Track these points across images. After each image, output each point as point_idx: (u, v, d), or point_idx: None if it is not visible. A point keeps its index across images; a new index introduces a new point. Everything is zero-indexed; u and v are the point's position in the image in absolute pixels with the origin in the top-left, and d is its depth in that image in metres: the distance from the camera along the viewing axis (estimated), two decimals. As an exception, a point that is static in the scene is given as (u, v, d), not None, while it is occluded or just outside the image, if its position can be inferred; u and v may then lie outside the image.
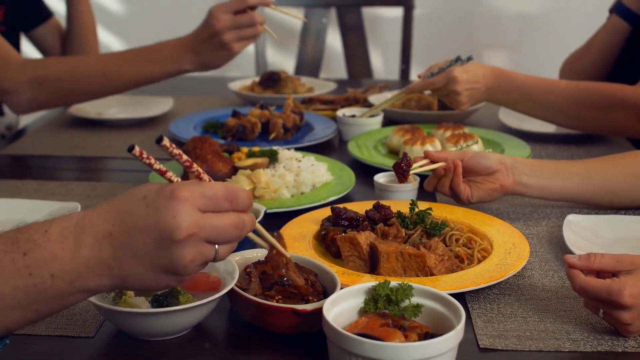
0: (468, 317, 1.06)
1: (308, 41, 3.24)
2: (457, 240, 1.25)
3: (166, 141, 0.85)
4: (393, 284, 0.97)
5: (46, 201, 1.41)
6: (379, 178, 1.50)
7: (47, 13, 2.41)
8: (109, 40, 3.84)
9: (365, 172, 1.63)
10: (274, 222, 1.33)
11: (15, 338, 0.97)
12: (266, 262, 1.05)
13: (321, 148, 1.86)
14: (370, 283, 0.97)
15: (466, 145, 1.62)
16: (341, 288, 1.00)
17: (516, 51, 3.84)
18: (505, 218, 1.40)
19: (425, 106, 2.14)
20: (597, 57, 2.22)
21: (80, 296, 0.83)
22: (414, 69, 3.14)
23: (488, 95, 1.82)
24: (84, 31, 2.38)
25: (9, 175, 1.70)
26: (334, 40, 3.41)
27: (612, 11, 2.20)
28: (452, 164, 1.37)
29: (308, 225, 1.30)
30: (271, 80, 2.39)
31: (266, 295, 1.01)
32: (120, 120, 2.13)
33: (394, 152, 1.80)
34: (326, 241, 1.24)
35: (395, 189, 1.46)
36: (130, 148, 0.84)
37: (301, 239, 1.24)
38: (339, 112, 2.00)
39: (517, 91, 1.79)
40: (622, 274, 1.00)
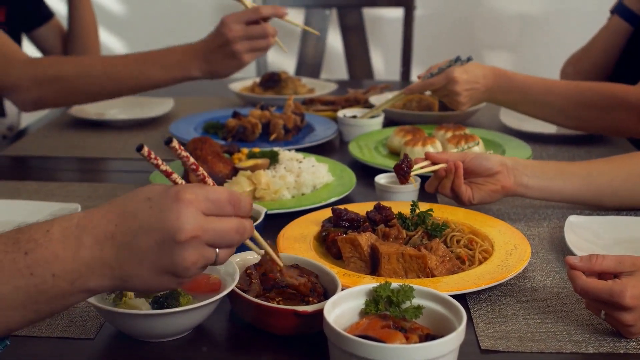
0: (469, 319, 1.06)
1: (309, 42, 3.24)
2: (458, 241, 1.24)
3: (175, 143, 0.86)
4: (394, 286, 0.97)
5: (46, 202, 1.41)
6: (380, 179, 1.50)
7: (48, 13, 2.41)
8: (110, 41, 3.83)
9: (366, 173, 1.62)
10: (275, 223, 1.32)
11: (15, 339, 0.97)
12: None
13: (322, 149, 1.85)
14: (371, 284, 0.97)
15: (467, 146, 1.62)
16: (342, 289, 1.00)
17: (517, 52, 3.84)
18: (506, 219, 1.40)
19: (426, 107, 2.14)
20: (598, 58, 2.22)
21: (80, 296, 0.83)
22: (415, 70, 3.14)
23: (488, 95, 1.82)
24: (85, 32, 2.38)
25: (10, 176, 1.69)
26: (335, 40, 3.41)
27: (613, 12, 2.20)
28: (453, 166, 1.36)
29: (309, 226, 1.30)
30: (272, 81, 2.39)
31: (267, 296, 1.01)
32: (120, 121, 2.12)
33: (395, 153, 1.80)
34: (327, 242, 1.24)
35: (396, 190, 1.46)
36: (139, 148, 0.85)
37: (302, 240, 1.24)
38: (340, 113, 2.00)
39: (517, 91, 1.79)
40: (624, 276, 1.00)
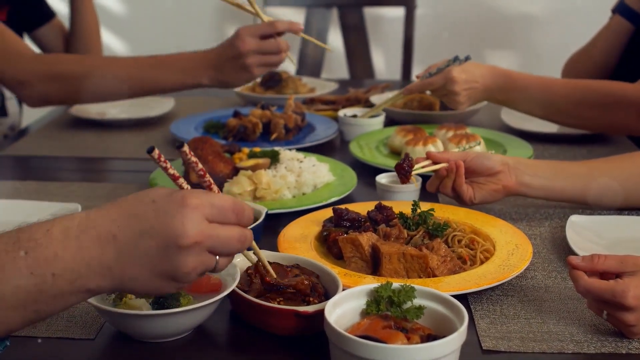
0: (471, 319, 1.05)
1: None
2: (460, 241, 1.24)
3: (186, 148, 0.87)
4: (395, 286, 0.96)
5: (47, 202, 1.41)
6: (381, 179, 1.50)
7: (50, 13, 2.40)
8: (111, 41, 3.83)
9: (367, 173, 1.62)
10: (275, 223, 1.32)
11: (15, 340, 0.97)
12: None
13: (323, 148, 1.85)
14: (372, 285, 0.97)
15: (469, 146, 1.61)
16: (343, 289, 0.99)
17: (518, 51, 3.83)
18: (507, 219, 1.40)
19: (427, 106, 2.13)
20: (600, 57, 2.21)
21: (80, 296, 0.83)
22: (416, 69, 3.14)
23: (487, 94, 1.82)
24: (87, 32, 2.38)
25: (10, 176, 1.69)
26: (336, 40, 3.40)
27: (615, 11, 2.19)
28: (455, 165, 1.36)
29: (309, 226, 1.30)
30: (272, 80, 2.38)
31: (267, 297, 1.01)
32: (121, 120, 2.12)
33: (396, 153, 1.79)
34: (328, 242, 1.24)
35: (397, 190, 1.45)
36: (150, 150, 0.85)
37: (303, 240, 1.24)
38: (341, 113, 1.99)
39: (516, 90, 1.78)
40: (626, 276, 0.99)
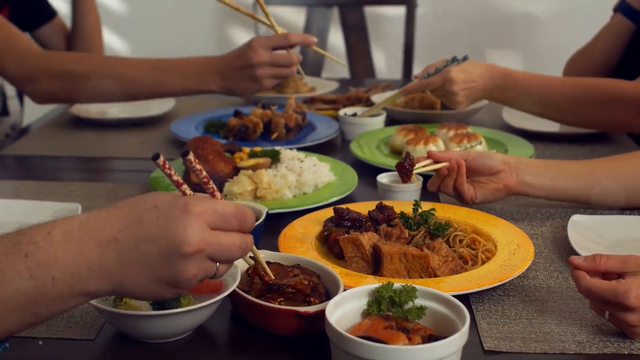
0: (472, 319, 1.05)
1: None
2: (461, 241, 1.23)
3: (191, 156, 0.86)
4: (396, 286, 0.96)
5: (47, 202, 1.41)
6: (382, 178, 1.49)
7: (51, 12, 2.40)
8: (112, 40, 3.83)
9: (368, 172, 1.62)
10: (276, 223, 1.32)
11: (15, 341, 0.96)
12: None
13: (323, 148, 1.84)
14: (373, 285, 0.97)
15: (470, 145, 1.61)
16: (344, 290, 0.99)
17: (520, 50, 3.83)
18: (509, 218, 1.39)
19: (428, 106, 2.13)
20: (601, 56, 2.21)
21: (80, 299, 0.83)
22: (417, 68, 3.13)
23: (485, 93, 1.81)
24: (89, 31, 2.38)
25: (10, 175, 1.69)
26: (336, 39, 3.40)
27: (616, 10, 2.18)
28: (456, 164, 1.36)
29: (310, 226, 1.29)
30: (273, 79, 2.37)
31: (268, 297, 1.00)
32: (122, 119, 2.12)
33: (397, 152, 1.79)
34: (329, 242, 1.23)
35: (398, 189, 1.45)
36: (155, 157, 0.85)
37: (303, 240, 1.23)
38: (341, 112, 1.99)
39: (514, 89, 1.78)
40: (628, 276, 0.99)
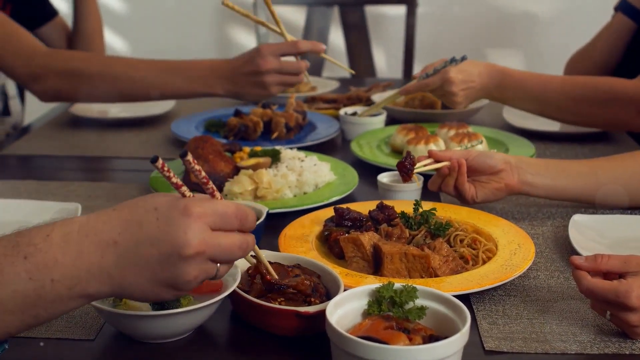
0: (473, 319, 1.05)
1: (311, 39, 3.21)
2: (462, 240, 1.23)
3: (190, 157, 0.86)
4: (397, 286, 0.96)
5: (47, 202, 1.40)
6: (383, 178, 1.49)
7: (53, 12, 2.40)
8: (113, 40, 3.82)
9: (368, 172, 1.61)
10: (276, 223, 1.31)
11: (14, 341, 0.96)
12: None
13: (324, 147, 1.84)
14: (373, 285, 0.96)
15: (471, 145, 1.61)
16: (344, 290, 0.99)
17: (521, 50, 3.82)
18: (510, 218, 1.39)
19: (428, 105, 2.13)
20: (602, 56, 2.20)
21: (80, 301, 0.83)
22: (417, 68, 3.13)
23: (484, 92, 1.81)
24: (90, 31, 2.38)
25: (10, 175, 1.68)
26: (337, 38, 3.40)
27: (617, 9, 2.18)
28: (457, 163, 1.35)
29: (311, 225, 1.29)
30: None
31: (268, 297, 1.00)
32: (122, 119, 2.11)
33: (398, 152, 1.78)
34: (329, 242, 1.23)
35: (399, 189, 1.45)
36: (153, 159, 0.85)
37: (304, 240, 1.23)
38: (342, 111, 1.99)
39: (513, 88, 1.78)
40: (630, 276, 0.98)
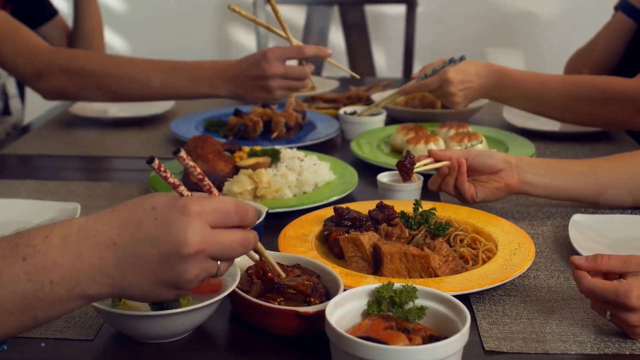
0: (473, 319, 1.04)
1: (310, 39, 3.22)
2: (462, 240, 1.23)
3: (183, 153, 0.86)
4: (397, 286, 0.95)
5: (46, 201, 1.40)
6: (382, 177, 1.49)
7: (53, 11, 2.40)
8: (112, 39, 3.82)
9: (368, 172, 1.61)
10: (276, 223, 1.31)
11: (12, 341, 0.95)
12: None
13: (324, 147, 1.84)
14: (373, 285, 0.96)
15: (471, 145, 1.61)
16: (344, 290, 0.98)
17: (521, 50, 3.82)
18: (510, 218, 1.39)
19: (428, 104, 2.12)
20: (602, 55, 2.20)
21: (79, 303, 0.83)
22: (417, 67, 3.12)
23: (483, 93, 1.81)
24: (91, 31, 2.38)
25: (9, 175, 1.68)
26: (337, 38, 3.40)
27: (617, 8, 2.18)
28: (457, 163, 1.35)
29: (310, 225, 1.29)
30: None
31: (268, 297, 1.00)
32: (122, 118, 2.11)
33: (397, 151, 1.78)
34: (329, 242, 1.23)
35: (398, 189, 1.44)
36: (150, 160, 0.84)
37: (303, 240, 1.23)
38: (341, 111, 1.98)
39: (512, 87, 1.78)
40: (630, 276, 0.98)
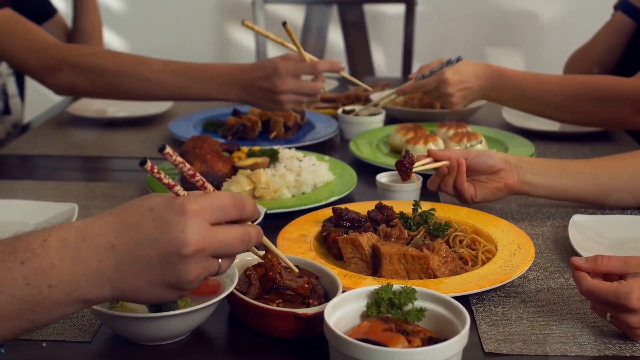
0: (472, 321, 1.04)
1: (309, 38, 3.22)
2: (461, 241, 1.22)
3: (169, 149, 0.85)
4: (396, 287, 0.95)
5: (44, 202, 1.40)
6: (381, 178, 1.48)
7: (52, 10, 2.40)
8: (112, 39, 3.81)
9: (367, 172, 1.61)
10: (275, 223, 1.31)
11: (9, 343, 0.95)
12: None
13: (322, 147, 1.83)
14: (372, 286, 0.96)
15: (470, 145, 1.60)
16: (343, 291, 0.98)
17: (521, 49, 3.82)
18: (509, 218, 1.38)
19: (428, 104, 2.12)
20: (601, 55, 2.20)
21: (78, 306, 0.82)
22: (416, 67, 3.12)
23: (482, 94, 1.81)
24: (90, 31, 2.37)
25: (7, 175, 1.68)
26: (336, 37, 3.39)
27: (617, 8, 2.17)
28: (456, 163, 1.34)
29: (309, 226, 1.28)
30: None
31: (266, 298, 0.99)
32: (120, 118, 2.11)
33: (397, 151, 1.78)
34: (327, 243, 1.22)
35: (398, 189, 1.44)
36: (142, 162, 0.84)
37: (302, 241, 1.22)
38: (340, 110, 1.98)
39: (511, 88, 1.77)
40: (630, 277, 0.98)
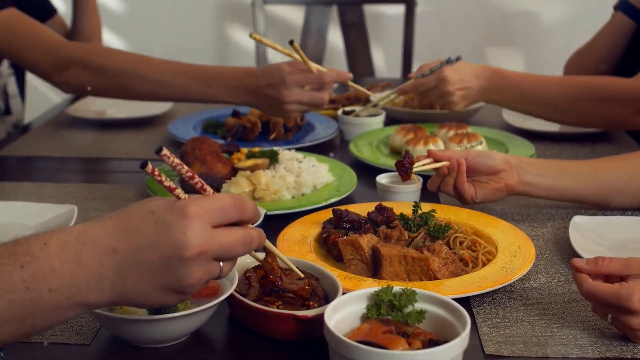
0: (473, 323, 1.04)
1: (309, 39, 3.22)
2: (461, 243, 1.22)
3: (166, 151, 0.84)
4: (396, 289, 0.95)
5: (43, 204, 1.39)
6: (382, 179, 1.48)
7: (51, 10, 2.41)
8: (111, 40, 3.81)
9: (367, 173, 1.60)
10: (274, 225, 1.30)
11: (9, 346, 0.95)
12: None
13: (322, 148, 1.83)
14: (372, 288, 0.95)
15: (470, 146, 1.60)
16: (343, 293, 0.98)
17: (521, 49, 3.81)
18: (509, 219, 1.38)
19: (427, 105, 2.12)
20: (601, 55, 2.20)
21: (78, 310, 0.82)
22: (416, 67, 3.11)
23: (482, 95, 1.80)
24: (90, 31, 2.37)
25: (7, 177, 1.67)
26: (336, 37, 3.39)
27: (617, 8, 2.17)
28: (456, 163, 1.34)
29: (309, 227, 1.28)
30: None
31: (266, 300, 0.99)
32: (120, 119, 2.10)
33: (397, 152, 1.77)
34: (327, 244, 1.22)
35: (398, 190, 1.44)
36: (143, 165, 0.83)
37: (302, 242, 1.22)
38: (340, 111, 1.98)
39: (511, 89, 1.77)
40: (631, 279, 0.97)
